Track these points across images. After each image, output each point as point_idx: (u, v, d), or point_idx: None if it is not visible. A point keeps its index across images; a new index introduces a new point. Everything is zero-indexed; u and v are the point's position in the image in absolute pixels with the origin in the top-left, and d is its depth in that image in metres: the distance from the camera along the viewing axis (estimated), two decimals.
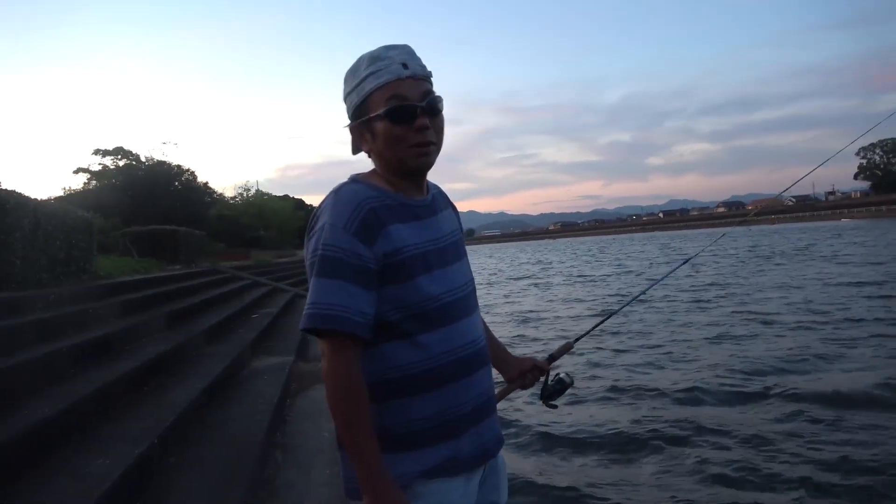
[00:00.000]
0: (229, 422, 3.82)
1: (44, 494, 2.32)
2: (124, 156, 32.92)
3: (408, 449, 1.30)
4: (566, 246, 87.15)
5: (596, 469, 5.02)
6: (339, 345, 1.24)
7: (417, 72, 1.33)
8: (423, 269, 1.32)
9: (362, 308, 1.24)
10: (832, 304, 12.35)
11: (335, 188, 1.35)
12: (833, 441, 5.07)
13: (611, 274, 27.16)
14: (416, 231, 1.34)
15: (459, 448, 1.34)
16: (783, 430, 5.40)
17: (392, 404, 1.30)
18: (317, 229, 1.29)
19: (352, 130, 1.40)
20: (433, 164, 1.38)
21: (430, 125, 1.32)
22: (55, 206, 7.39)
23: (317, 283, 1.25)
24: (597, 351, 9.34)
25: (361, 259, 1.24)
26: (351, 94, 1.36)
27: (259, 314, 8.97)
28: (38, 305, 5.00)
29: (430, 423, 1.31)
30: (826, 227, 71.09)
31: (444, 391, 1.32)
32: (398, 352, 1.29)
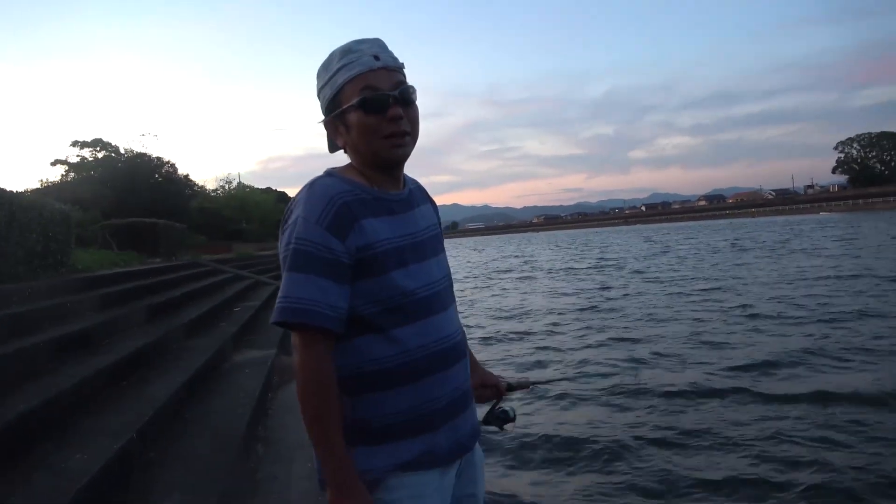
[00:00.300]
0: (210, 415, 3.80)
1: (21, 490, 2.29)
2: (103, 147, 32.54)
3: (382, 442, 1.30)
4: (550, 239, 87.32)
5: (581, 475, 4.89)
6: (310, 339, 1.25)
7: (389, 63, 1.33)
8: (398, 263, 1.32)
9: (333, 302, 1.24)
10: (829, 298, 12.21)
11: (309, 182, 1.34)
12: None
13: (597, 266, 27.07)
14: (390, 225, 1.34)
15: (435, 442, 1.34)
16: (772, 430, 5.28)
17: (367, 398, 1.30)
18: (290, 223, 1.29)
19: (326, 126, 1.40)
20: (408, 155, 1.37)
21: (403, 115, 1.32)
22: (32, 198, 7.27)
23: (288, 277, 1.25)
24: (584, 349, 9.32)
25: (333, 253, 1.24)
26: (324, 88, 1.36)
27: (241, 307, 8.91)
28: (14, 299, 4.92)
29: (404, 416, 1.31)
30: (807, 220, 71.99)
31: (419, 385, 1.31)
32: (373, 346, 1.29)
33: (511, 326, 12.27)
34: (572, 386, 6.90)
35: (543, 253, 43.89)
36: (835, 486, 4.18)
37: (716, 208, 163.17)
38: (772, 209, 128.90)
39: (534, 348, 9.73)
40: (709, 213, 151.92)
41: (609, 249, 39.99)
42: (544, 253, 43.53)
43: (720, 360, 7.87)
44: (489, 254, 53.72)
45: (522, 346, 10.07)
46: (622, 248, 40.11)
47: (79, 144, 32.52)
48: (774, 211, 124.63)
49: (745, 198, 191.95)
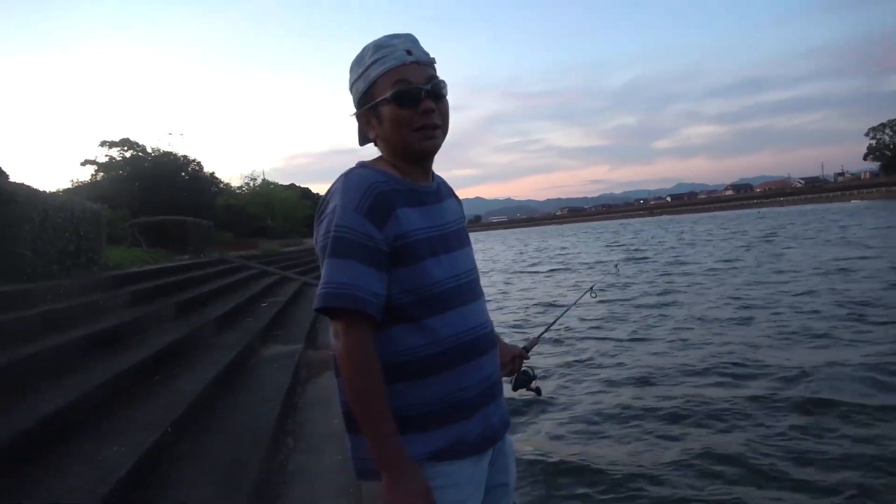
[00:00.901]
0: (241, 409, 3.86)
1: (60, 482, 2.35)
2: (130, 147, 33.03)
3: (415, 431, 1.32)
4: (577, 231, 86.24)
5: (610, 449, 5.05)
6: (354, 324, 1.26)
7: (421, 58, 1.36)
8: (430, 252, 1.34)
9: (375, 288, 1.26)
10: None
11: (344, 173, 1.36)
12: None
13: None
14: (423, 216, 1.36)
15: (467, 431, 1.35)
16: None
17: (399, 387, 1.31)
18: (328, 212, 1.31)
19: (358, 118, 1.43)
20: (439, 147, 1.40)
21: (435, 108, 1.35)
22: (63, 198, 7.42)
23: (330, 264, 1.26)
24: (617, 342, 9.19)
25: (373, 240, 1.26)
26: (357, 81, 1.38)
27: (267, 303, 9.01)
28: (49, 297, 5.04)
29: (436, 405, 1.32)
30: (834, 208, 70.08)
31: (451, 375, 1.33)
32: (405, 335, 1.31)
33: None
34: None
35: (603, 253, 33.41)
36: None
37: (743, 198, 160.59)
38: (801, 198, 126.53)
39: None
40: (736, 202, 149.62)
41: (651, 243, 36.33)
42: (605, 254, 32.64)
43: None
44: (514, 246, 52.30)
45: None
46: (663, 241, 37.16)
47: (107, 144, 33.07)
48: (803, 200, 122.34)
49: (773, 186, 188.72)
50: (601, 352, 8.57)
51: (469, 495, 1.37)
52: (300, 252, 25.32)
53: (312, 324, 7.75)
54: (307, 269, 17.25)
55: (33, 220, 5.78)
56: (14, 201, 5.49)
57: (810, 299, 11.31)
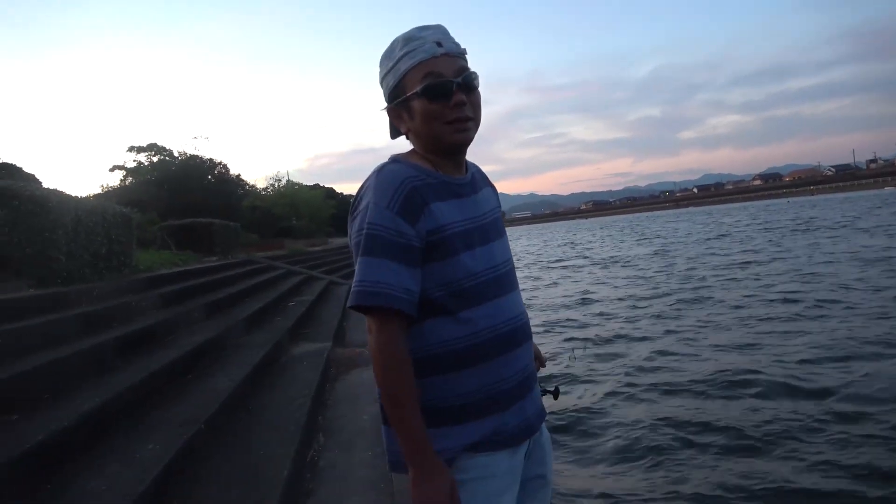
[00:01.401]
0: (271, 407, 3.90)
1: (97, 479, 2.40)
2: (158, 152, 33.53)
3: (452, 423, 1.32)
4: (602, 225, 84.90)
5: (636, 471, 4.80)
6: (386, 321, 1.26)
7: (452, 49, 1.34)
8: (465, 246, 1.33)
9: (407, 285, 1.26)
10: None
11: (377, 168, 1.36)
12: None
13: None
14: (457, 209, 1.36)
15: (504, 422, 1.35)
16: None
17: (436, 380, 1.32)
18: (360, 209, 1.31)
19: (389, 112, 1.42)
20: (471, 139, 1.38)
21: (466, 101, 1.33)
22: (94, 202, 7.56)
23: (363, 262, 1.27)
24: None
25: (405, 237, 1.26)
26: (387, 76, 1.37)
27: (295, 302, 9.10)
28: (84, 299, 5.15)
29: (473, 397, 1.32)
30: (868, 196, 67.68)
31: (488, 366, 1.33)
32: (442, 328, 1.31)
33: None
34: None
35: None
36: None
37: (772, 187, 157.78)
38: (832, 186, 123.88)
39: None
40: (765, 192, 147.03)
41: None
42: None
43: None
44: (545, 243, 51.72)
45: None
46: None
47: (135, 150, 33.61)
48: (835, 188, 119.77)
49: (803, 175, 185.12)
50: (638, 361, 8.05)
51: (506, 487, 1.37)
52: (326, 251, 25.50)
53: (340, 322, 7.80)
54: (333, 269, 17.34)
55: (66, 224, 5.91)
56: (47, 207, 5.61)
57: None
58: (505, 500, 1.36)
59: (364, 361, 5.66)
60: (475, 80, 1.36)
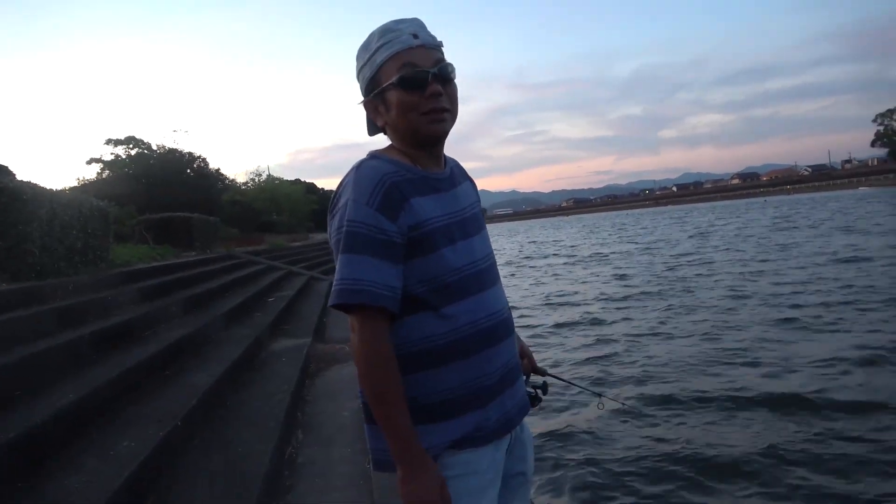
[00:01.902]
0: (250, 403, 3.88)
1: (73, 476, 2.37)
2: (136, 145, 33.10)
3: (435, 420, 1.31)
4: (584, 222, 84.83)
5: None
6: (369, 319, 1.25)
7: (428, 41, 1.34)
8: (446, 241, 1.33)
9: (390, 282, 1.25)
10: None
11: (355, 164, 1.35)
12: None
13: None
14: (437, 203, 1.35)
15: (486, 417, 1.35)
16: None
17: (418, 376, 1.31)
18: (340, 206, 1.30)
19: (366, 106, 1.41)
20: (448, 131, 1.37)
21: (442, 92, 1.33)
22: (70, 195, 7.44)
23: (344, 260, 1.26)
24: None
25: (386, 234, 1.25)
26: (363, 68, 1.36)
27: (275, 298, 9.04)
28: (59, 294, 5.07)
29: (456, 393, 1.31)
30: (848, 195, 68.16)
31: (470, 362, 1.32)
32: (423, 324, 1.30)
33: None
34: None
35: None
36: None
37: (750, 186, 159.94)
38: (808, 185, 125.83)
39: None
40: (742, 191, 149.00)
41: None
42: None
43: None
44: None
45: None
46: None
47: (112, 142, 33.17)
48: (811, 187, 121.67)
49: (780, 175, 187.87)
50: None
51: (489, 483, 1.37)
52: (306, 247, 25.36)
53: (320, 317, 7.78)
54: (314, 264, 17.25)
55: (41, 217, 5.81)
56: (21, 199, 5.52)
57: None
58: (488, 497, 1.36)
59: (344, 357, 5.65)
60: (451, 71, 1.35)
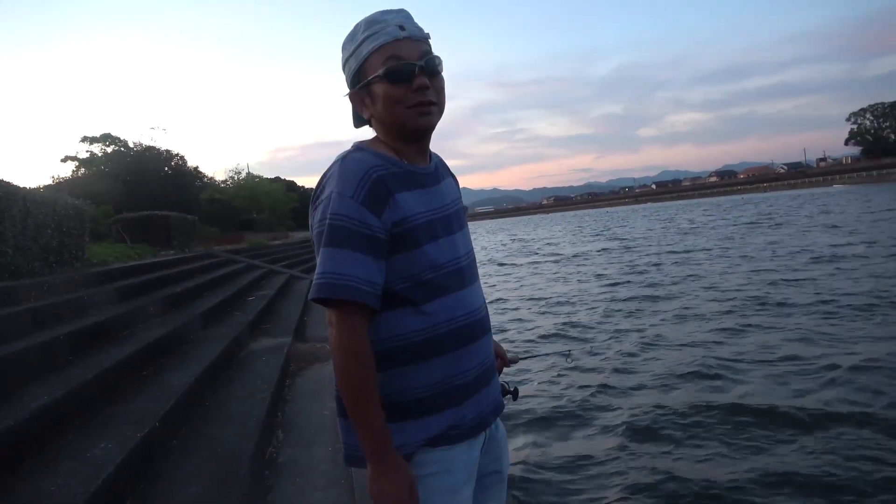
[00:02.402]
0: (230, 402, 3.85)
1: (49, 479, 2.34)
2: (112, 142, 32.69)
3: (410, 417, 1.31)
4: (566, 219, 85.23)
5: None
6: (349, 314, 1.24)
7: (415, 33, 1.33)
8: (430, 237, 1.32)
9: (372, 278, 1.24)
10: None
11: (340, 156, 1.33)
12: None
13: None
14: (421, 199, 1.34)
15: (461, 416, 1.34)
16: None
17: (394, 373, 1.30)
18: (323, 198, 1.28)
19: (352, 98, 1.40)
20: (435, 125, 1.36)
21: (429, 85, 1.31)
22: (45, 194, 7.32)
23: (326, 253, 1.24)
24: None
25: (370, 228, 1.24)
26: (349, 60, 1.35)
27: (255, 296, 8.97)
28: (33, 294, 4.99)
29: (433, 390, 1.31)
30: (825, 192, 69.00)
31: (448, 359, 1.32)
32: (402, 320, 1.29)
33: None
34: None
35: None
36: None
37: (727, 184, 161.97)
38: (784, 183, 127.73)
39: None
40: (720, 189, 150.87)
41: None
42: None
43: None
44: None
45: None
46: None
47: (88, 140, 32.72)
48: (786, 185, 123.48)
49: (757, 172, 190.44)
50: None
51: (464, 482, 1.37)
52: (287, 245, 25.20)
53: (300, 317, 7.73)
54: (294, 263, 17.14)
55: (14, 216, 5.71)
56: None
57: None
58: (463, 495, 1.36)
59: (324, 356, 5.63)
60: (438, 64, 1.34)
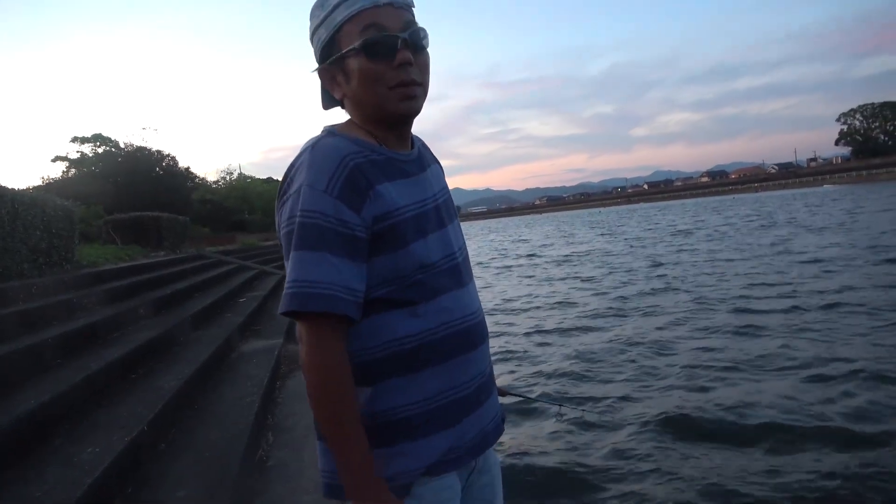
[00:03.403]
0: (220, 405, 3.83)
1: (36, 483, 2.32)
2: (103, 143, 32.53)
3: (404, 440, 1.13)
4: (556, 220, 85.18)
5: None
6: (325, 328, 1.07)
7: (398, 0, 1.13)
8: (417, 233, 1.14)
9: (350, 283, 1.06)
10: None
11: (310, 143, 1.13)
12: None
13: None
14: (405, 190, 1.15)
15: (461, 435, 1.17)
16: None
17: (384, 386, 1.13)
18: (291, 193, 1.09)
19: (321, 74, 1.19)
20: (420, 109, 1.17)
21: (413, 62, 1.12)
22: (34, 195, 7.27)
23: (296, 258, 1.06)
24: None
25: (347, 226, 1.06)
26: (318, 28, 1.15)
27: (246, 298, 8.94)
28: (22, 296, 4.95)
29: (428, 406, 1.13)
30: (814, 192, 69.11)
31: (444, 369, 1.15)
32: (390, 326, 1.12)
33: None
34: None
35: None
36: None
37: (719, 184, 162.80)
38: (775, 183, 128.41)
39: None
40: (712, 189, 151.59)
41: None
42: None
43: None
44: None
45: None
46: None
47: (78, 140, 32.55)
48: (778, 185, 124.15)
49: (748, 172, 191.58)
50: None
51: None
52: (279, 246, 25.06)
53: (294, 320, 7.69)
54: None
55: (2, 217, 5.67)
56: None
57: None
58: None
59: None
60: (424, 38, 1.15)
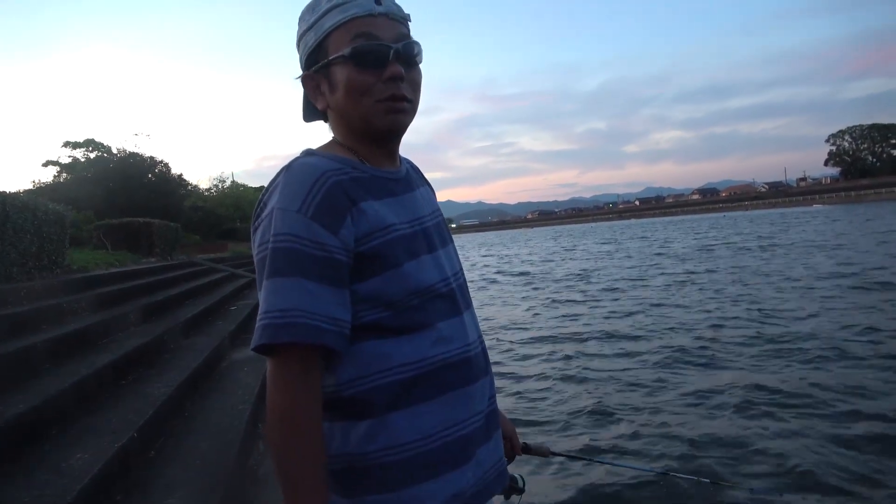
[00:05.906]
0: (211, 413, 3.80)
1: (24, 489, 2.29)
2: (95, 148, 32.41)
3: (396, 486, 0.99)
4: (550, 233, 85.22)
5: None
6: (298, 362, 0.94)
7: (393, 10, 1.07)
8: (408, 255, 1.04)
9: (330, 312, 0.95)
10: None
11: (286, 164, 1.05)
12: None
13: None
14: (393, 209, 1.06)
15: (461, 481, 1.05)
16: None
17: (377, 422, 1.00)
18: (264, 217, 0.99)
19: (305, 82, 1.12)
20: (407, 125, 1.10)
21: (404, 75, 1.05)
22: (25, 199, 7.22)
23: (269, 286, 0.94)
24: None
25: (324, 249, 0.95)
26: (306, 34, 1.08)
27: (237, 306, 8.90)
28: (10, 300, 4.90)
29: (424, 447, 1.01)
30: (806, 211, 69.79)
31: (440, 404, 1.03)
32: (386, 353, 1.01)
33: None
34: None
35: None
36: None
37: (709, 202, 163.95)
38: (765, 202, 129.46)
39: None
40: (702, 206, 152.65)
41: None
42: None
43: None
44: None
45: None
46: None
47: (70, 145, 32.41)
48: (768, 204, 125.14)
49: (739, 191, 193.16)
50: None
51: None
52: None
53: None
54: None
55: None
56: None
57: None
58: None
59: None
60: (418, 52, 1.08)
